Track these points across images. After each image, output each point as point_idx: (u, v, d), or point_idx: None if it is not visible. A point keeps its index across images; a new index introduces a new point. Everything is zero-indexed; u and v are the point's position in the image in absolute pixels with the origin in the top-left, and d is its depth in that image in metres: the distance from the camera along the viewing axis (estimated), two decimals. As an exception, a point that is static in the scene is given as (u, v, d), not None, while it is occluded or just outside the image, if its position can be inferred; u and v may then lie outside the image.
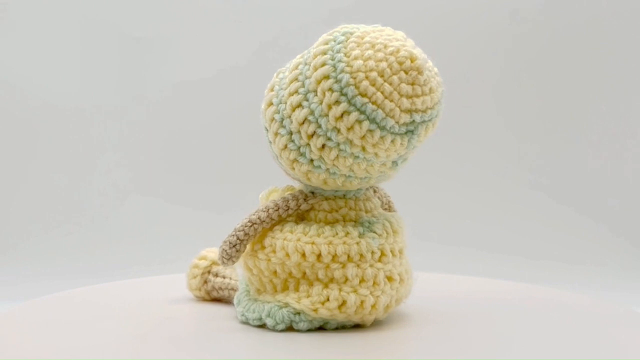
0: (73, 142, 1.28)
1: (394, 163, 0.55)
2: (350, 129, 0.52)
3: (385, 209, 0.62)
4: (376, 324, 0.57)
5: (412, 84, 0.52)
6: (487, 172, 1.28)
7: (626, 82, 1.29)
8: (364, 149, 0.53)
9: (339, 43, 0.54)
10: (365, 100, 0.52)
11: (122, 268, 1.14)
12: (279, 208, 0.58)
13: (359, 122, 0.52)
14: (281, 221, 0.58)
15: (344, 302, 0.54)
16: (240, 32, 1.30)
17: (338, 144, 0.53)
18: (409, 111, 0.52)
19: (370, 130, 0.52)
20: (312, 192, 0.58)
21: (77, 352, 0.50)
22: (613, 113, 1.29)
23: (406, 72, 0.52)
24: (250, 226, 0.58)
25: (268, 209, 0.58)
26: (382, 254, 0.56)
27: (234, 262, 0.59)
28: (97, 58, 1.30)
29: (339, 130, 0.53)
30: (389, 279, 0.56)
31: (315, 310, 0.55)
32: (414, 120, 0.53)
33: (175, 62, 1.31)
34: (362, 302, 0.54)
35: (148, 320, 0.59)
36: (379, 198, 0.62)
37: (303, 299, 0.55)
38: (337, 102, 0.52)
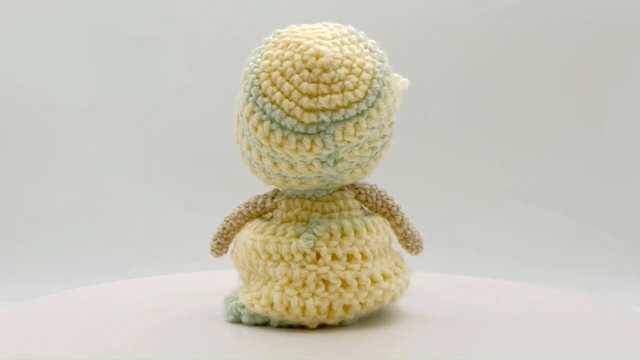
0: (73, 142, 1.28)
1: (324, 163, 0.54)
2: (256, 128, 0.53)
3: (384, 212, 0.60)
4: (373, 323, 0.57)
5: (317, 82, 0.52)
6: (487, 172, 1.28)
7: (618, 79, 1.29)
8: (272, 149, 0.53)
9: (265, 44, 0.55)
10: (266, 100, 0.52)
11: (122, 268, 1.14)
12: (249, 205, 0.60)
13: (261, 121, 0.53)
14: (252, 217, 0.60)
15: (273, 301, 0.55)
16: (239, 30, 1.30)
17: (255, 144, 0.54)
18: (314, 110, 0.52)
19: (272, 130, 0.52)
20: (284, 192, 0.59)
21: (77, 352, 0.50)
22: (610, 112, 1.29)
23: (310, 70, 0.52)
24: (227, 221, 0.61)
25: (241, 205, 0.61)
26: (318, 256, 0.54)
27: (217, 254, 0.62)
28: (96, 57, 1.29)
29: (250, 131, 0.54)
30: (325, 282, 0.54)
31: (252, 305, 0.56)
32: (323, 120, 0.52)
33: (176, 62, 1.31)
34: (288, 302, 0.54)
35: (148, 320, 0.59)
36: (367, 200, 0.60)
37: (246, 294, 0.57)
38: (247, 102, 0.54)
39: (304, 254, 0.54)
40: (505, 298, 0.68)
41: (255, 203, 0.60)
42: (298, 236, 0.55)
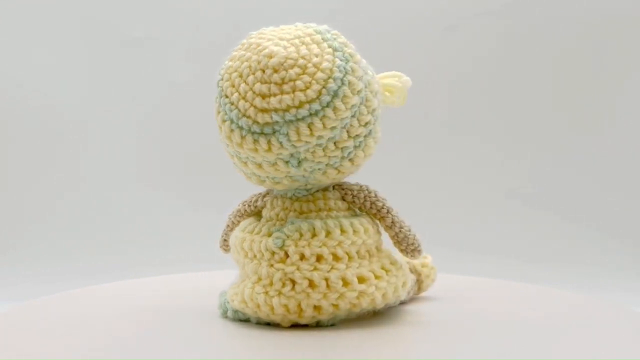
0: (73, 142, 1.28)
1: (287, 163, 0.54)
2: (220, 128, 0.55)
3: (374, 213, 0.59)
4: (373, 323, 0.57)
5: (268, 83, 0.52)
6: (488, 173, 1.28)
7: (614, 80, 1.29)
8: (235, 149, 0.54)
9: (239, 45, 0.56)
10: (227, 100, 0.54)
11: (122, 268, 1.14)
12: (246, 203, 0.62)
13: (224, 121, 0.54)
14: (248, 215, 0.62)
15: (245, 298, 0.56)
16: (239, 30, 1.30)
17: (223, 144, 0.56)
18: (267, 110, 0.52)
19: (232, 130, 0.54)
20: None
21: (76, 352, 0.50)
22: (610, 112, 1.29)
23: (263, 71, 0.53)
24: (229, 218, 0.63)
25: (240, 203, 0.63)
26: (286, 255, 0.55)
27: (224, 250, 0.65)
28: (97, 58, 1.30)
29: (219, 131, 0.56)
30: (292, 281, 0.54)
31: (233, 301, 0.57)
32: (276, 120, 0.52)
33: (176, 62, 1.31)
34: (257, 299, 0.55)
35: (148, 320, 0.59)
36: (354, 201, 0.59)
37: (231, 289, 0.58)
38: (215, 103, 0.56)
39: (272, 253, 0.55)
40: (505, 298, 0.68)
41: (251, 201, 0.62)
42: (270, 235, 0.56)
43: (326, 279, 0.54)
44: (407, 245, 0.58)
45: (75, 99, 1.29)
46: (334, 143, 0.54)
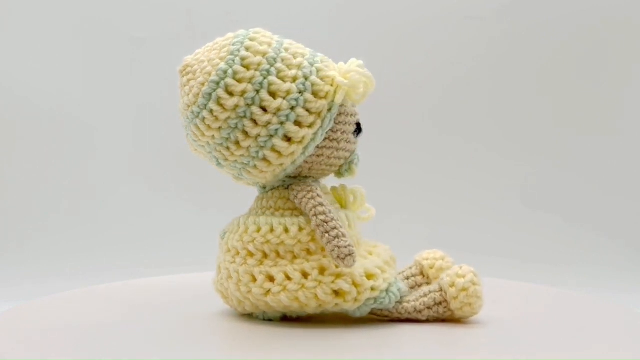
0: (74, 144, 1.27)
1: (212, 161, 0.58)
2: None
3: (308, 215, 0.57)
4: (373, 323, 0.57)
5: (179, 88, 0.58)
6: (489, 173, 1.28)
7: (612, 83, 1.29)
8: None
9: None
10: None
11: (122, 268, 1.14)
12: None
13: None
14: None
15: None
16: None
17: None
18: (181, 113, 0.58)
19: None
20: None
21: (76, 352, 0.50)
22: (606, 112, 1.29)
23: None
24: None
25: None
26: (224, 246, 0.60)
27: None
28: (97, 58, 1.29)
29: None
30: (222, 270, 0.59)
31: None
32: (185, 122, 0.57)
33: (176, 62, 1.30)
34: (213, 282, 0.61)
35: (148, 320, 0.59)
36: (294, 201, 0.57)
37: None
38: None
39: (220, 243, 0.60)
40: (505, 298, 0.68)
41: None
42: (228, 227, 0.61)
43: (237, 272, 0.57)
44: (330, 252, 0.54)
45: (75, 99, 1.28)
46: (235, 143, 0.55)
